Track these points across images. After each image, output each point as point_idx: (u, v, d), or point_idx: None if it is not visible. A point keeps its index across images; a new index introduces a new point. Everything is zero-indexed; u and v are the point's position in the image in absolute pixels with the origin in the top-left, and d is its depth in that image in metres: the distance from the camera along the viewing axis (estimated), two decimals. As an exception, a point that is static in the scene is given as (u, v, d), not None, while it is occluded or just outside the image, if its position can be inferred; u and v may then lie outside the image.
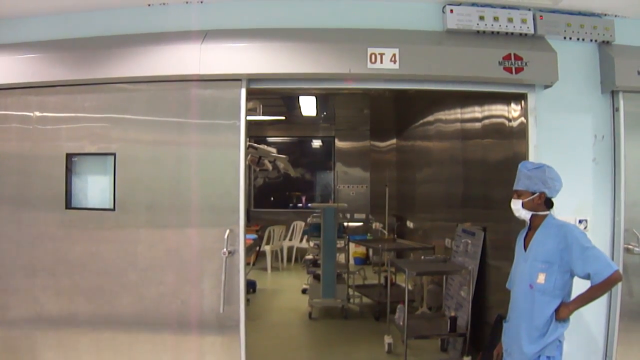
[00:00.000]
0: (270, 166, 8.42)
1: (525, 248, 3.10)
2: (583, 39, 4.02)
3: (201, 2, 4.02)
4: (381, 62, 3.72)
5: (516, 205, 3.08)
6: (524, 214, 3.06)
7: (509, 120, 4.47)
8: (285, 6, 4.03)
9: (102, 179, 4.06)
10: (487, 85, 3.95)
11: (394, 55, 3.71)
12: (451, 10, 3.91)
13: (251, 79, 3.86)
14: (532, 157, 3.90)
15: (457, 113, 6.21)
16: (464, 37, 3.92)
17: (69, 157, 4.05)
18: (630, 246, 3.89)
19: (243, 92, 3.86)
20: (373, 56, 3.72)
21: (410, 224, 8.05)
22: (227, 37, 3.87)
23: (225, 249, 3.77)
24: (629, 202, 3.93)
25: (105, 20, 4.10)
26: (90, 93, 3.99)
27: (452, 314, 5.21)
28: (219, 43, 3.80)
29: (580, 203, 3.96)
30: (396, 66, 3.73)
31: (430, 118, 7.15)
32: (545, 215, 3.03)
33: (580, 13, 4.03)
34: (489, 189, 5.14)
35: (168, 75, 3.83)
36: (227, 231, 3.81)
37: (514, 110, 4.29)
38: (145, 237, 3.94)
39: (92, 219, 4.01)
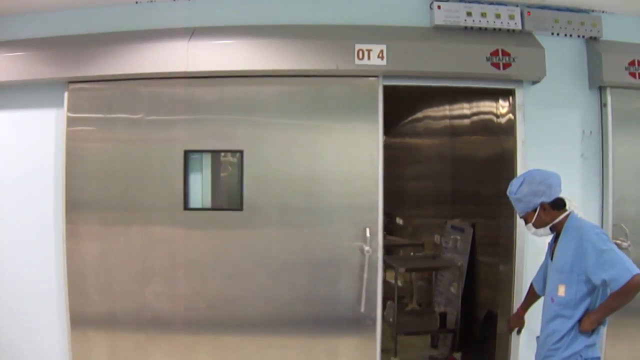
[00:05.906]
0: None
1: (552, 256, 2.91)
2: (571, 35, 4.02)
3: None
4: (369, 58, 3.69)
5: (530, 230, 2.91)
6: (543, 232, 2.89)
7: (497, 116, 4.47)
8: (272, 3, 3.98)
9: (225, 177, 3.89)
10: (475, 81, 3.93)
11: (382, 51, 3.69)
12: (439, 7, 3.89)
13: (385, 75, 3.82)
14: (520, 153, 3.89)
15: (445, 110, 6.20)
16: (452, 33, 3.89)
17: (187, 154, 3.84)
18: (618, 241, 3.88)
19: (381, 88, 3.84)
20: (360, 52, 3.69)
21: (399, 221, 8.03)
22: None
23: (368, 247, 3.72)
24: (617, 198, 3.94)
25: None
26: (211, 86, 3.83)
27: (442, 310, 5.22)
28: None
29: (569, 198, 3.95)
30: (384, 62, 3.70)
31: (419, 115, 7.14)
32: (566, 217, 2.84)
33: (568, 9, 4.02)
34: (478, 186, 5.14)
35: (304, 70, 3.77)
36: (367, 229, 3.76)
37: (502, 106, 4.28)
38: (277, 238, 3.82)
39: (216, 220, 3.84)
